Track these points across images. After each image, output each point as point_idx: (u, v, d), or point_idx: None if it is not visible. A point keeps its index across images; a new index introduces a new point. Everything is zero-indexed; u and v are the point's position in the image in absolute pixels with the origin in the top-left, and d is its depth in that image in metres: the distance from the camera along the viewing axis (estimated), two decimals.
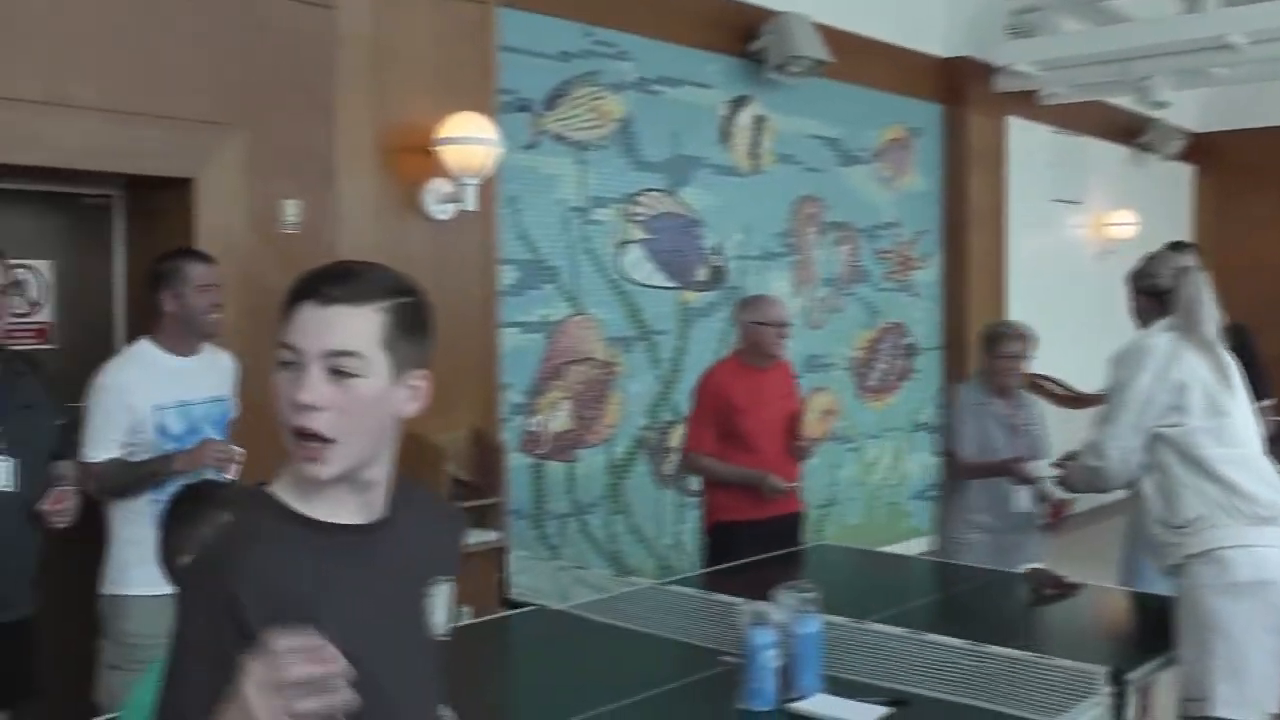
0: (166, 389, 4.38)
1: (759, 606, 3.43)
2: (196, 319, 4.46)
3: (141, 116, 5.01)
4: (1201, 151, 13.42)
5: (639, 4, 7.65)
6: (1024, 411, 5.74)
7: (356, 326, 1.76)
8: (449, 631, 2.00)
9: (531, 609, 4.52)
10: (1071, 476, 4.59)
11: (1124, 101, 11.64)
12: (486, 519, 6.07)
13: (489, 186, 6.26)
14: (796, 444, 5.79)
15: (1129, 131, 12.51)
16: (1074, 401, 6.63)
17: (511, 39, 6.76)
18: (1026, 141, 10.96)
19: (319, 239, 5.59)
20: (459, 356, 5.95)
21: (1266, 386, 5.95)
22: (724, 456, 5.73)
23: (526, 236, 7.02)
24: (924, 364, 10.20)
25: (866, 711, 3.25)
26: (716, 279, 8.26)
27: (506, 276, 6.80)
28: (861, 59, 9.11)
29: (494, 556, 5.86)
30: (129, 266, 5.52)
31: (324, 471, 1.76)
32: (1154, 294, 4.37)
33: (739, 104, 8.43)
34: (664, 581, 5.01)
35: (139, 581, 4.07)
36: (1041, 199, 11.35)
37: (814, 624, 3.42)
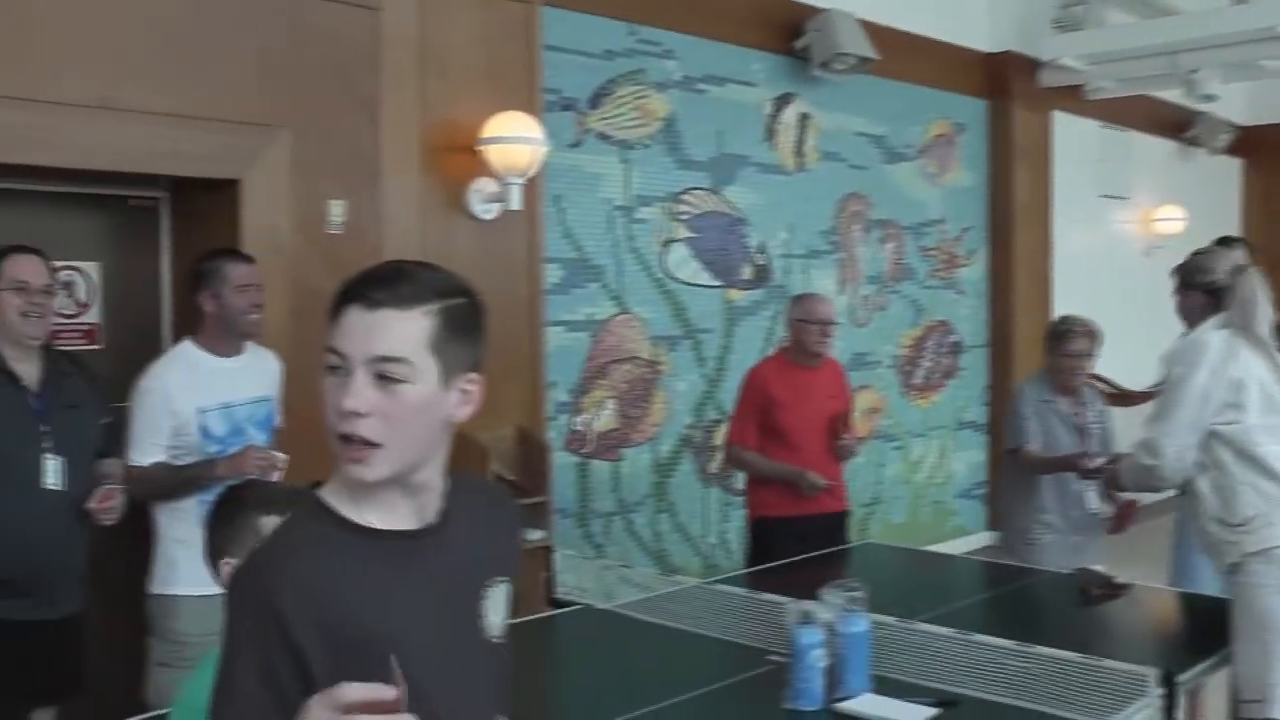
0: (209, 390, 4.40)
1: (806, 605, 3.42)
2: (236, 319, 4.47)
3: (188, 119, 5.05)
4: (1250, 145, 13.27)
5: (683, 2, 7.65)
6: (1089, 410, 5.60)
7: (403, 331, 1.72)
8: (505, 633, 1.96)
9: (577, 608, 4.53)
10: (1123, 475, 4.53)
11: (1171, 95, 11.50)
12: (532, 518, 6.06)
13: (534, 186, 6.26)
14: (838, 443, 5.76)
15: (1176, 125, 12.40)
16: (1122, 400, 6.54)
17: (556, 38, 6.76)
18: (1072, 136, 10.88)
19: (364, 239, 5.61)
20: (504, 356, 5.95)
21: None
22: (765, 451, 5.76)
23: (571, 235, 7.03)
24: (969, 362, 10.14)
25: (914, 712, 3.24)
26: (761, 277, 8.25)
27: (551, 275, 6.81)
28: (906, 55, 9.07)
29: (539, 555, 5.86)
30: (175, 268, 5.55)
31: (369, 474, 1.72)
32: (1210, 291, 4.32)
33: (783, 102, 8.41)
34: (709, 580, 5.00)
35: (187, 581, 4.09)
36: (1088, 194, 11.26)
37: (861, 623, 3.40)
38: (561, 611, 4.54)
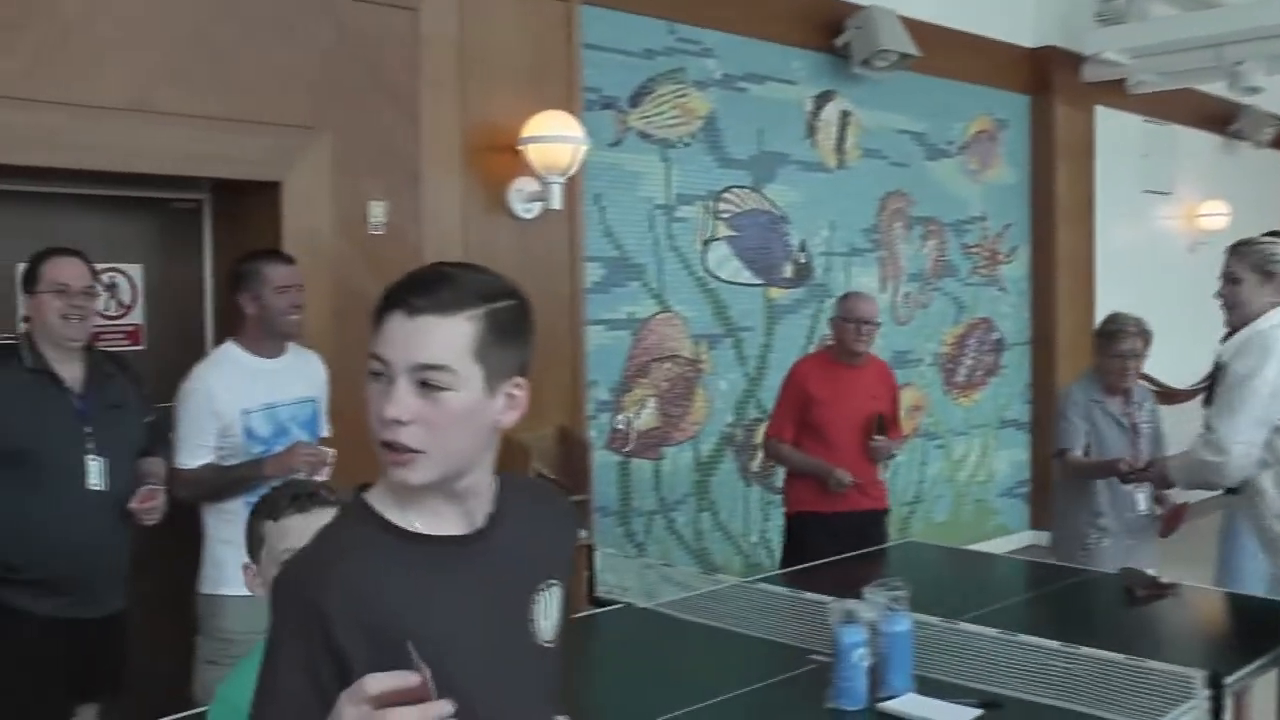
0: (252, 392, 4.43)
1: (848, 604, 3.41)
2: (276, 320, 4.50)
3: (228, 122, 5.09)
4: None
5: (723, 0, 7.63)
6: (1140, 410, 5.50)
7: (445, 338, 1.69)
8: (558, 636, 1.93)
9: (619, 607, 4.53)
10: (1177, 473, 4.47)
11: (1215, 88, 11.38)
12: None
13: (574, 185, 6.27)
14: (870, 443, 5.74)
15: (1220, 119, 12.26)
16: (1166, 398, 6.49)
17: (595, 37, 6.77)
18: (1115, 131, 10.79)
19: (405, 240, 5.63)
20: (545, 355, 5.96)
21: None
22: (801, 446, 5.81)
23: (612, 234, 7.04)
24: (1011, 360, 10.08)
25: (958, 713, 3.23)
26: (802, 276, 8.22)
27: (592, 274, 6.82)
28: (947, 51, 9.02)
29: (581, 554, 5.86)
30: (217, 269, 5.60)
31: (412, 477, 1.71)
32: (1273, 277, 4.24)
33: (824, 99, 8.38)
34: (751, 579, 4.99)
35: (234, 581, 4.05)
36: (1131, 190, 11.17)
37: (904, 622, 3.39)
38: (603, 610, 4.53)
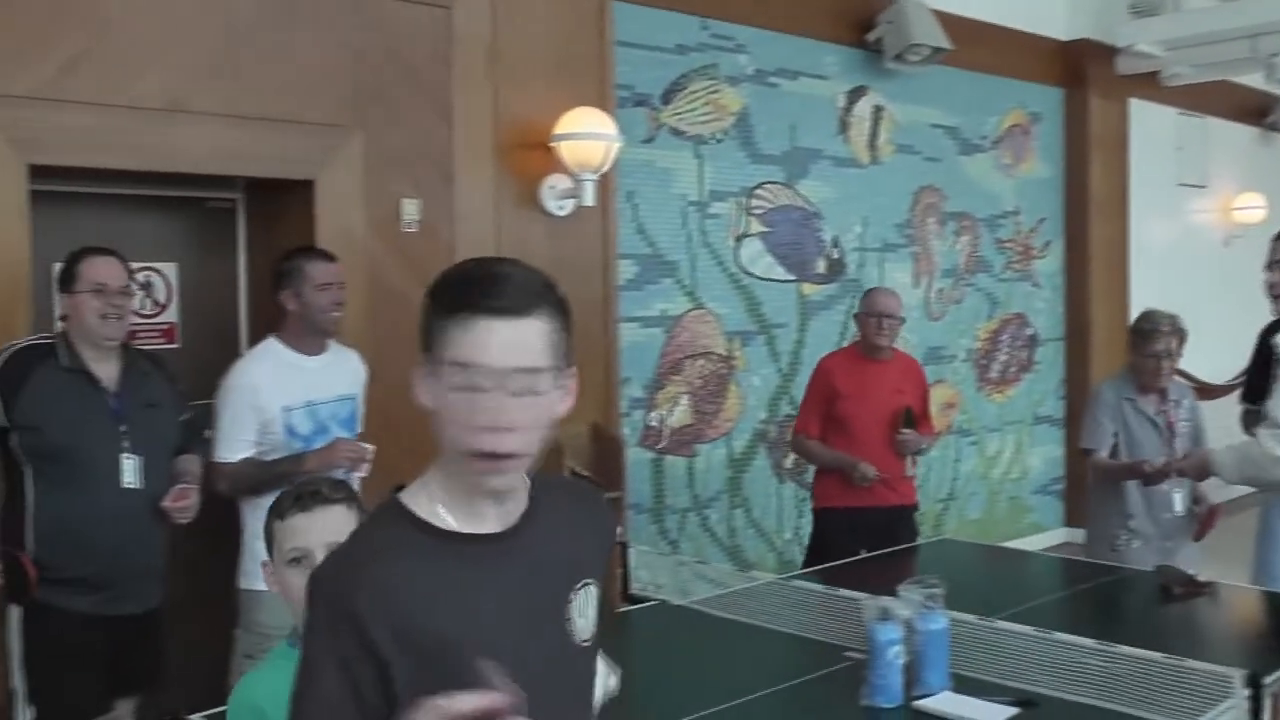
0: (294, 389, 4.48)
1: (884, 602, 3.40)
2: (317, 317, 4.54)
3: (262, 121, 5.12)
4: None
5: None
6: (1178, 408, 5.39)
7: (532, 339, 1.69)
8: (595, 634, 1.91)
9: (653, 604, 4.53)
10: (1227, 467, 4.41)
11: (1251, 80, 11.33)
12: None
13: (607, 181, 6.28)
14: (897, 437, 5.72)
15: (1256, 111, 12.18)
16: (1202, 393, 6.42)
17: (627, 33, 6.77)
18: (1149, 124, 10.72)
19: (438, 238, 5.65)
20: (578, 352, 5.83)
21: None
22: (826, 441, 5.81)
23: (645, 231, 7.04)
24: (1045, 355, 10.03)
25: (994, 711, 3.22)
26: (835, 271, 8.21)
27: (625, 271, 6.83)
28: (980, 44, 8.98)
29: (615, 551, 5.87)
30: (251, 267, 5.64)
31: (506, 482, 1.72)
32: None
33: (856, 94, 8.36)
34: (786, 576, 4.98)
35: None
36: (1165, 183, 11.09)
37: (940, 620, 3.38)
38: (637, 607, 4.54)
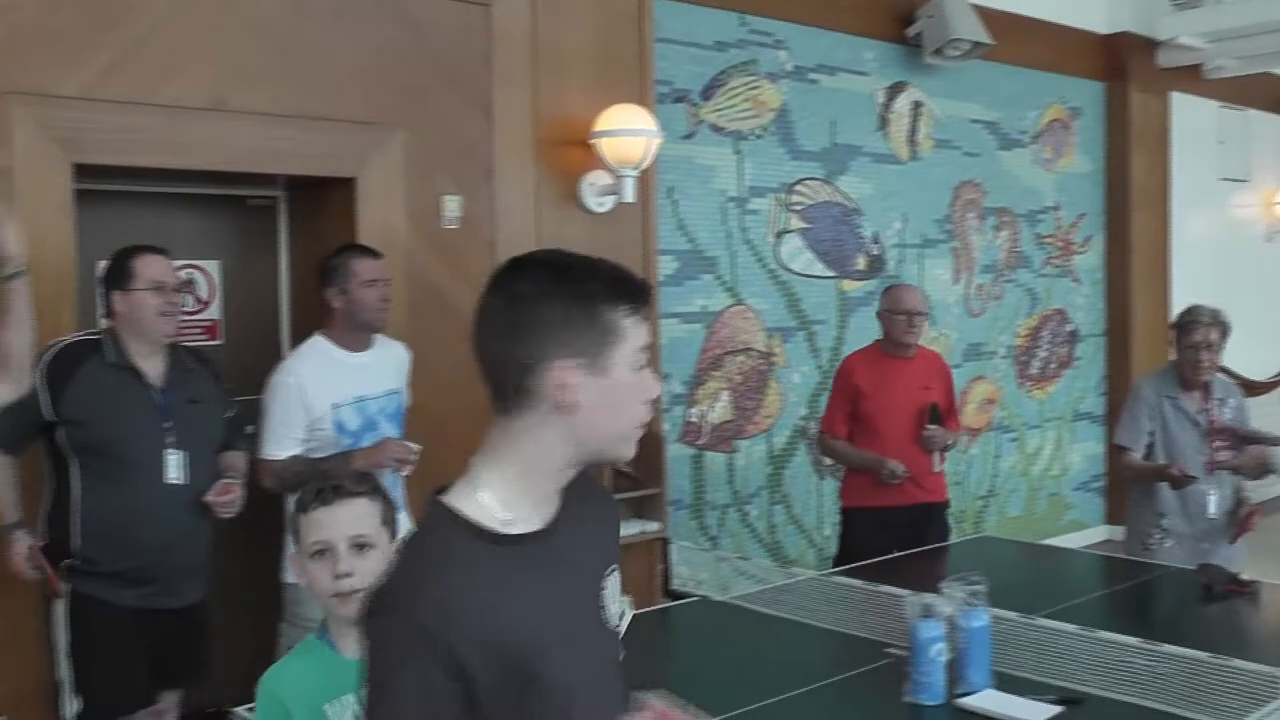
0: (342, 386, 4.52)
1: (926, 599, 3.39)
2: (364, 314, 4.58)
3: (303, 119, 5.16)
4: None
5: None
6: (1223, 406, 5.31)
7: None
8: (624, 620, 1.95)
9: (694, 600, 4.54)
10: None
11: None
12: (647, 510, 6.11)
13: (647, 178, 6.28)
14: (923, 434, 5.70)
15: None
16: (1244, 390, 6.36)
17: (667, 30, 6.78)
18: (1191, 118, 10.65)
19: (478, 234, 5.67)
20: None
21: None
22: (852, 439, 5.79)
23: (685, 227, 7.05)
24: (1086, 351, 9.99)
25: (1037, 710, 3.20)
26: (875, 268, 8.20)
27: (665, 267, 6.84)
28: (1020, 38, 8.95)
29: (655, 547, 5.89)
30: (293, 265, 5.69)
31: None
32: None
33: (896, 90, 8.34)
34: (827, 572, 4.97)
35: None
36: (1207, 178, 11.01)
37: (982, 617, 3.37)
38: (678, 603, 4.55)
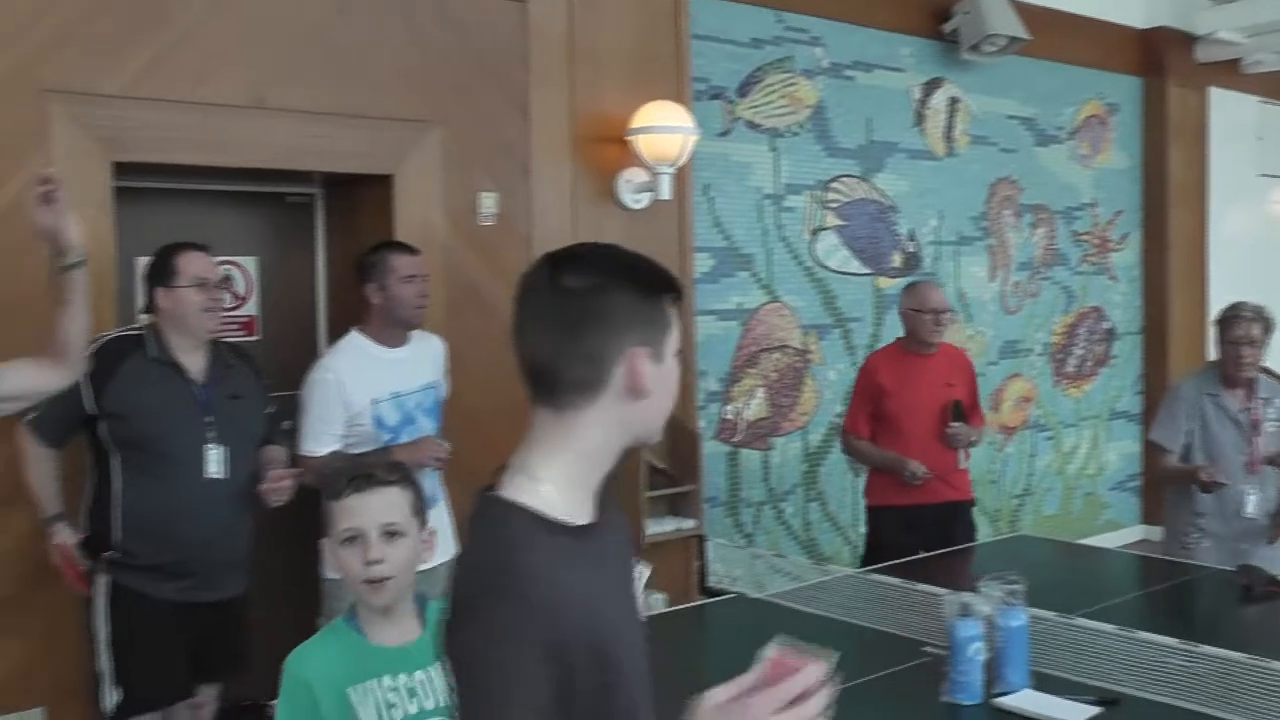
0: (380, 381, 4.55)
1: (964, 597, 3.38)
2: (403, 310, 4.61)
3: (341, 117, 5.19)
4: None
5: None
6: (1268, 407, 5.24)
7: None
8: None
9: (731, 596, 4.54)
10: None
11: None
12: (682, 507, 6.11)
13: (683, 175, 6.29)
14: (946, 431, 5.67)
15: None
16: None
17: (703, 27, 6.78)
18: (1229, 113, 10.53)
19: (515, 231, 5.69)
20: None
21: None
22: (875, 439, 5.77)
23: (721, 224, 7.05)
24: (1122, 350, 9.92)
25: (1076, 710, 3.19)
26: (911, 265, 8.17)
27: (701, 264, 6.85)
28: (1057, 33, 8.89)
29: (691, 544, 5.90)
30: (330, 261, 5.72)
31: None
32: None
33: (932, 86, 8.32)
34: (863, 570, 4.97)
35: None
36: (1246, 174, 10.88)
37: (1020, 617, 3.36)
38: (714, 600, 4.55)
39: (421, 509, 2.74)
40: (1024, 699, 3.27)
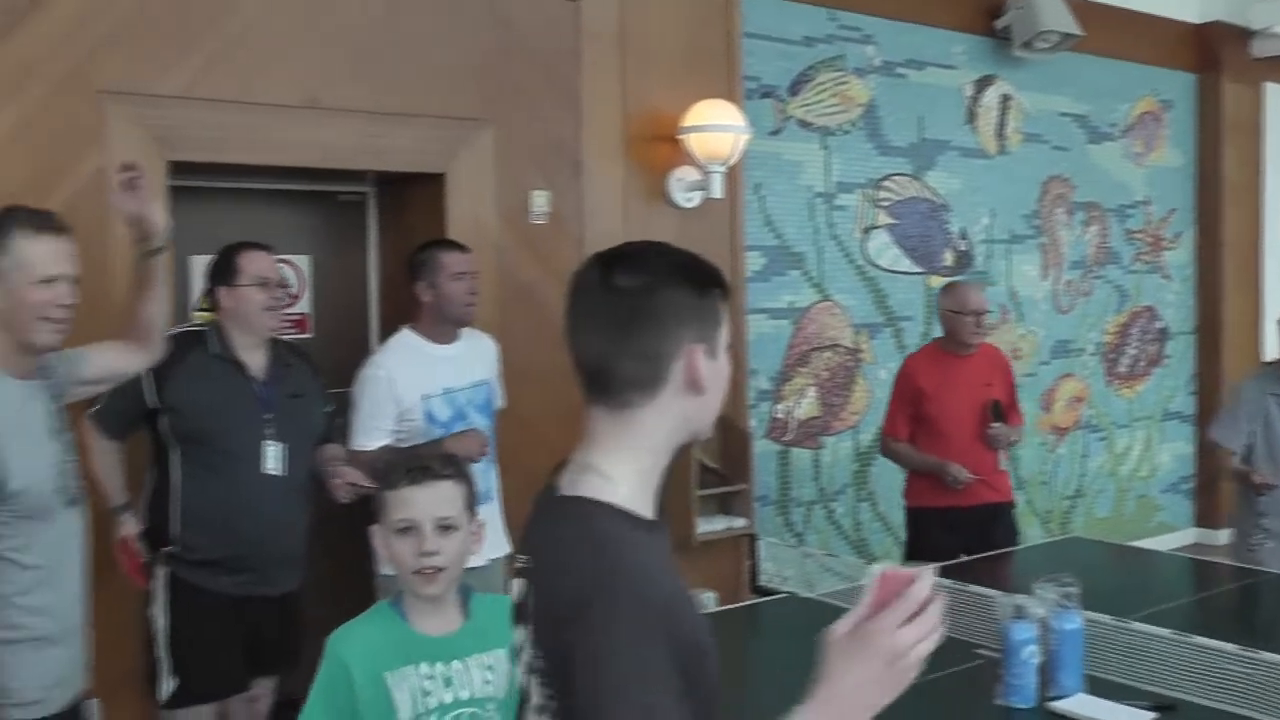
0: (431, 377, 4.58)
1: (1019, 600, 3.36)
2: (452, 308, 4.64)
3: (393, 116, 5.23)
4: None
5: None
6: None
7: None
8: None
9: (783, 596, 4.54)
10: None
11: None
12: (733, 506, 6.11)
13: (735, 173, 6.28)
14: (987, 432, 5.64)
15: None
16: None
17: (755, 25, 6.76)
18: None
19: (567, 229, 5.70)
20: None
21: None
22: (915, 441, 5.75)
23: (772, 223, 7.04)
24: (1175, 349, 9.81)
25: (1132, 716, 3.18)
26: (963, 264, 8.13)
27: (752, 263, 6.84)
28: (1110, 29, 8.80)
29: (741, 543, 5.90)
30: (382, 259, 5.76)
31: None
32: None
33: (984, 84, 8.26)
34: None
35: None
36: None
37: (1075, 620, 3.34)
38: (766, 600, 4.55)
39: (472, 504, 2.79)
40: (1079, 703, 3.25)
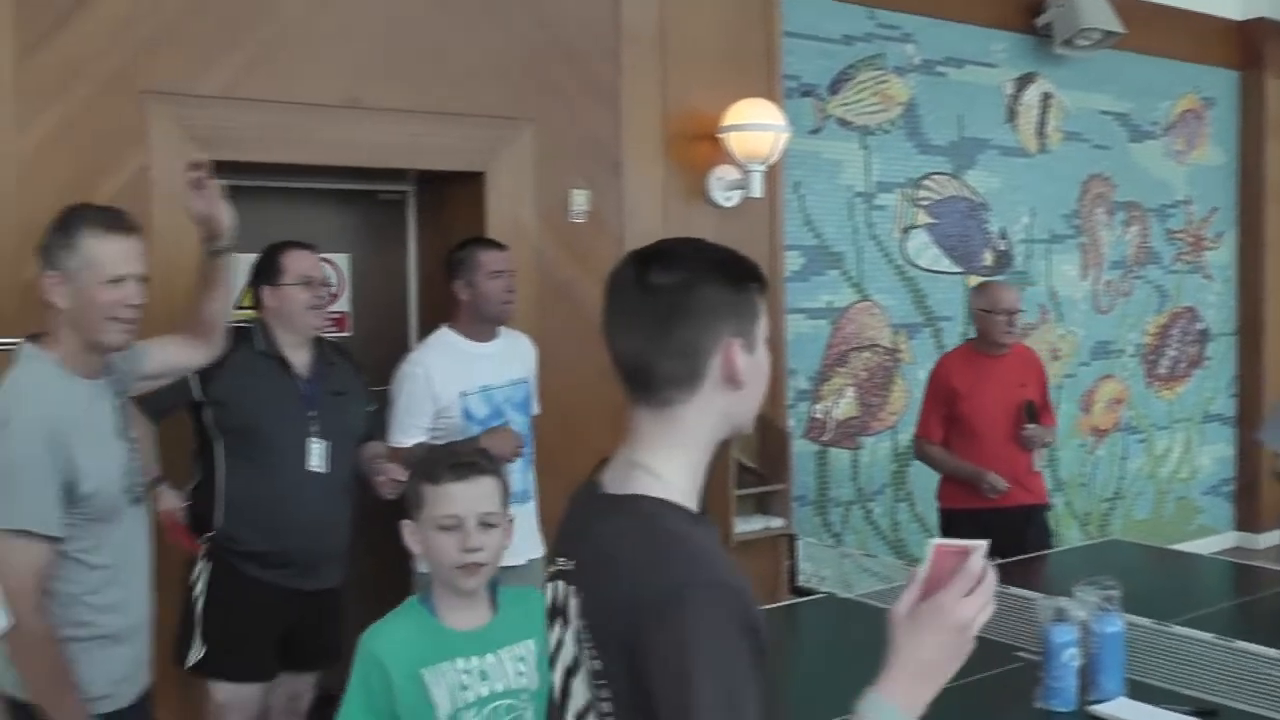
0: (469, 375, 4.61)
1: (1060, 602, 3.34)
2: (490, 306, 4.67)
3: (433, 115, 5.24)
4: None
5: None
6: None
7: None
8: None
9: (821, 596, 4.54)
10: None
11: None
12: (772, 505, 6.11)
13: (774, 173, 6.27)
14: (1021, 433, 5.61)
15: None
16: None
17: (795, 24, 6.75)
18: None
19: (606, 228, 5.71)
20: None
21: None
22: (948, 442, 5.73)
23: (811, 222, 7.03)
24: (1216, 351, 9.74)
25: None
26: (1002, 263, 8.10)
27: (791, 263, 6.84)
28: (1152, 26, 8.75)
29: (779, 543, 5.90)
30: (421, 258, 5.78)
31: None
32: None
33: (1025, 82, 8.23)
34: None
35: None
36: None
37: (1116, 623, 3.32)
38: (805, 600, 4.54)
39: (507, 500, 2.85)
40: (1119, 707, 3.23)
